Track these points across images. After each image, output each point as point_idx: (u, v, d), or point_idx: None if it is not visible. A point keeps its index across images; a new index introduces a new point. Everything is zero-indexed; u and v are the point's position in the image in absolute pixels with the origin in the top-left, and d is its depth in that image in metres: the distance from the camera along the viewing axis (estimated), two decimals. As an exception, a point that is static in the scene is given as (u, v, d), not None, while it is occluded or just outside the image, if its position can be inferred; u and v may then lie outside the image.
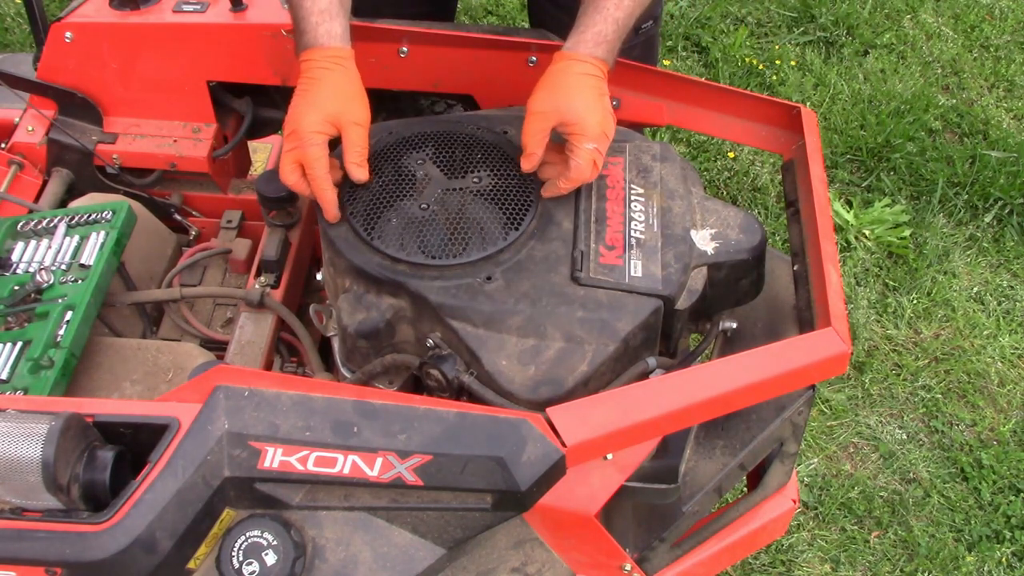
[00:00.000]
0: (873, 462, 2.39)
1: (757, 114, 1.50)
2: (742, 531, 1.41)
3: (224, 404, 1.01)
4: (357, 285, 1.24)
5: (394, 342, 1.25)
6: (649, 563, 1.28)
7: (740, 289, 1.33)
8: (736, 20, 3.55)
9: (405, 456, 1.01)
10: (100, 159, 1.65)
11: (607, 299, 1.20)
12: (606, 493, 1.11)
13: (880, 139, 3.10)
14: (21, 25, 3.29)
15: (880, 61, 3.42)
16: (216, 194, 1.73)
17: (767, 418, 1.27)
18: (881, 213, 2.86)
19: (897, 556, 2.22)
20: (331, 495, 1.03)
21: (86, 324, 1.35)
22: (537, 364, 1.15)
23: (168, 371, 1.39)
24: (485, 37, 1.54)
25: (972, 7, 3.68)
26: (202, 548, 1.01)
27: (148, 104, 1.65)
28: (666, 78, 1.53)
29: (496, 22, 3.48)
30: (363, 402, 1.03)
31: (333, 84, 1.26)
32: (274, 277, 1.56)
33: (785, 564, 2.19)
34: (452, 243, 1.23)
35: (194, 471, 0.98)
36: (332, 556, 1.03)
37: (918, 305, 2.70)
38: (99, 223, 1.47)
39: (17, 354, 1.30)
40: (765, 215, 2.92)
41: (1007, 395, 2.53)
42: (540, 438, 1.02)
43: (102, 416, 1.04)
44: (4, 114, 1.69)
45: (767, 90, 3.27)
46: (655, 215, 1.30)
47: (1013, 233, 2.92)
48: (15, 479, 0.96)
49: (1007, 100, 3.37)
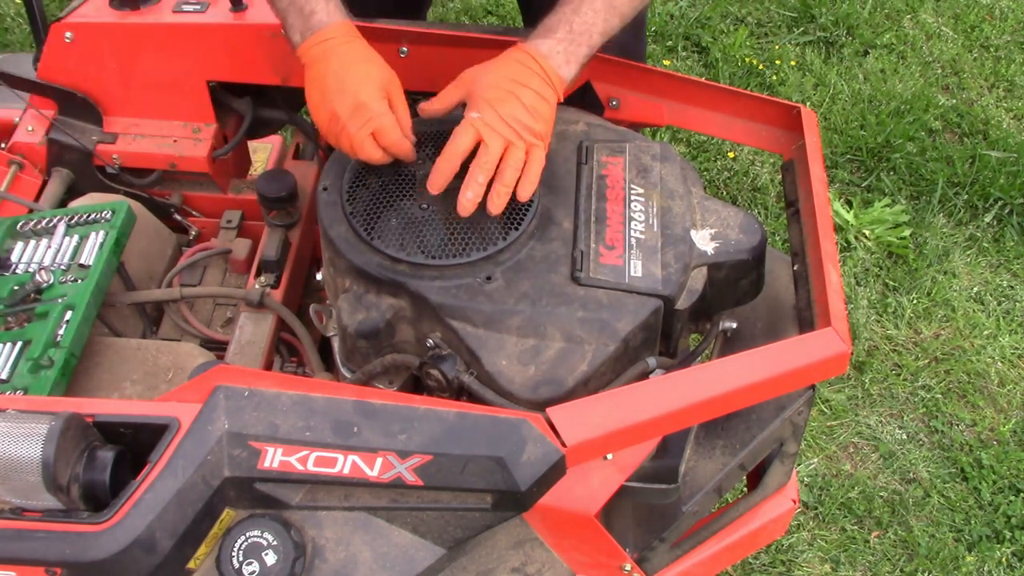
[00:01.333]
0: (873, 462, 2.39)
1: (757, 114, 1.50)
2: (742, 531, 1.41)
3: (224, 404, 1.01)
4: (357, 285, 1.24)
5: (394, 342, 1.25)
6: (649, 563, 1.28)
7: (740, 289, 1.33)
8: (736, 20, 3.55)
9: (405, 456, 1.01)
10: (100, 159, 1.65)
11: (607, 299, 1.20)
12: (606, 493, 1.11)
13: (880, 139, 3.10)
14: (21, 25, 3.29)
15: (880, 61, 3.42)
16: (216, 194, 1.73)
17: (767, 418, 1.27)
18: (881, 213, 2.86)
19: (897, 556, 2.22)
20: (331, 495, 1.03)
21: (86, 324, 1.35)
22: (537, 364, 1.15)
23: (168, 371, 1.39)
24: (485, 37, 1.54)
25: (972, 7, 3.68)
26: (202, 548, 1.01)
27: (148, 104, 1.65)
28: (666, 78, 1.53)
29: (496, 22, 3.48)
30: (363, 402, 1.03)
31: (369, 53, 1.25)
32: (274, 277, 1.56)
33: (785, 564, 2.19)
34: (452, 243, 1.23)
35: (194, 471, 0.98)
36: (332, 556, 1.03)
37: (918, 305, 2.70)
38: (99, 223, 1.47)
39: (17, 354, 1.30)
40: (765, 215, 2.92)
41: (1007, 395, 2.53)
42: (540, 438, 1.02)
43: (102, 416, 1.04)
44: (4, 114, 1.69)
45: (767, 90, 3.27)
46: (655, 215, 1.30)
47: (1013, 233, 2.92)
48: (15, 479, 0.96)
49: (1007, 100, 3.37)
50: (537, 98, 1.23)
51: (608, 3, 1.27)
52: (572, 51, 1.26)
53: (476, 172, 1.21)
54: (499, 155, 1.21)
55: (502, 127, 1.21)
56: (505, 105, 1.21)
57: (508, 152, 1.21)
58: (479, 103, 1.22)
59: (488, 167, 1.21)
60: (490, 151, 1.21)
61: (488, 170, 1.21)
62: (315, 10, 1.26)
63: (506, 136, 1.21)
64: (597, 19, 1.27)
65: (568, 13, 1.27)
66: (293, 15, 1.27)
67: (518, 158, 1.22)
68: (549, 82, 1.24)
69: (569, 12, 1.27)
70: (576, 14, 1.26)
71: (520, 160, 1.22)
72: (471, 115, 1.22)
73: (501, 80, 1.23)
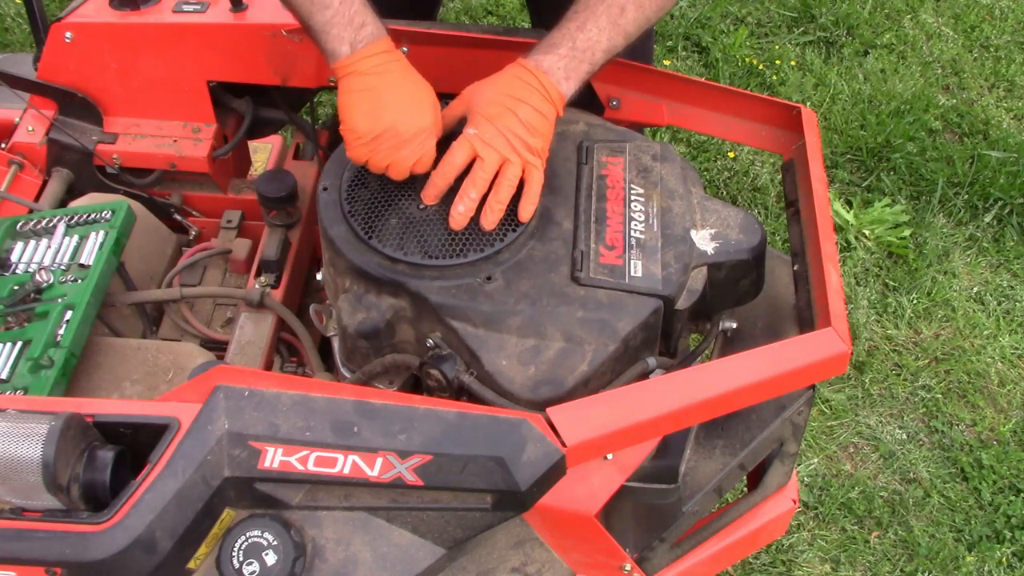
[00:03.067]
0: (873, 462, 2.39)
1: (757, 114, 1.50)
2: (742, 531, 1.41)
3: (224, 404, 1.01)
4: (357, 285, 1.24)
5: (394, 342, 1.25)
6: (649, 563, 1.28)
7: (740, 289, 1.33)
8: (736, 20, 3.55)
9: (405, 456, 1.01)
10: (100, 159, 1.65)
11: (607, 299, 1.20)
12: (606, 493, 1.11)
13: (880, 139, 3.10)
14: (21, 25, 3.29)
15: (880, 61, 3.42)
16: (216, 194, 1.73)
17: (767, 418, 1.27)
18: (881, 213, 2.86)
19: (897, 556, 2.22)
20: (331, 495, 1.03)
21: (86, 323, 1.35)
22: (537, 364, 1.15)
23: (168, 371, 1.39)
24: (485, 37, 1.54)
25: (972, 7, 3.68)
26: (202, 548, 1.01)
27: (148, 104, 1.65)
28: (666, 78, 1.53)
29: (496, 22, 3.48)
30: (363, 402, 1.03)
31: (419, 75, 1.27)
32: (274, 277, 1.56)
33: (785, 564, 2.19)
34: (452, 243, 1.23)
35: (194, 471, 0.98)
36: (332, 556, 1.03)
37: (918, 305, 2.70)
38: (98, 223, 1.47)
39: (17, 354, 1.30)
40: (765, 215, 2.92)
41: (1007, 395, 2.53)
42: (540, 438, 1.02)
43: (102, 416, 1.04)
44: (4, 114, 1.69)
45: (767, 90, 3.27)
46: (655, 215, 1.30)
47: (1013, 233, 2.92)
48: (15, 479, 0.96)
49: (1007, 100, 3.37)
50: (535, 114, 1.23)
51: (613, 22, 1.28)
52: (573, 67, 1.26)
53: (469, 187, 1.21)
54: (494, 171, 1.22)
55: (499, 142, 1.21)
56: (502, 120, 1.21)
57: (504, 168, 1.22)
58: (477, 119, 1.23)
59: (482, 183, 1.21)
60: (485, 166, 1.21)
61: (481, 186, 1.21)
62: (366, 22, 1.25)
63: (502, 152, 1.21)
64: (601, 37, 1.27)
65: (572, 30, 1.27)
66: (339, 26, 1.24)
67: (514, 174, 1.22)
68: (548, 98, 1.24)
69: (573, 28, 1.27)
70: (580, 31, 1.27)
71: (516, 176, 1.23)
72: (468, 131, 1.22)
73: (499, 96, 1.23)
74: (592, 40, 1.27)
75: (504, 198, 1.22)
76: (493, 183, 1.22)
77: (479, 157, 1.21)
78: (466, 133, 1.23)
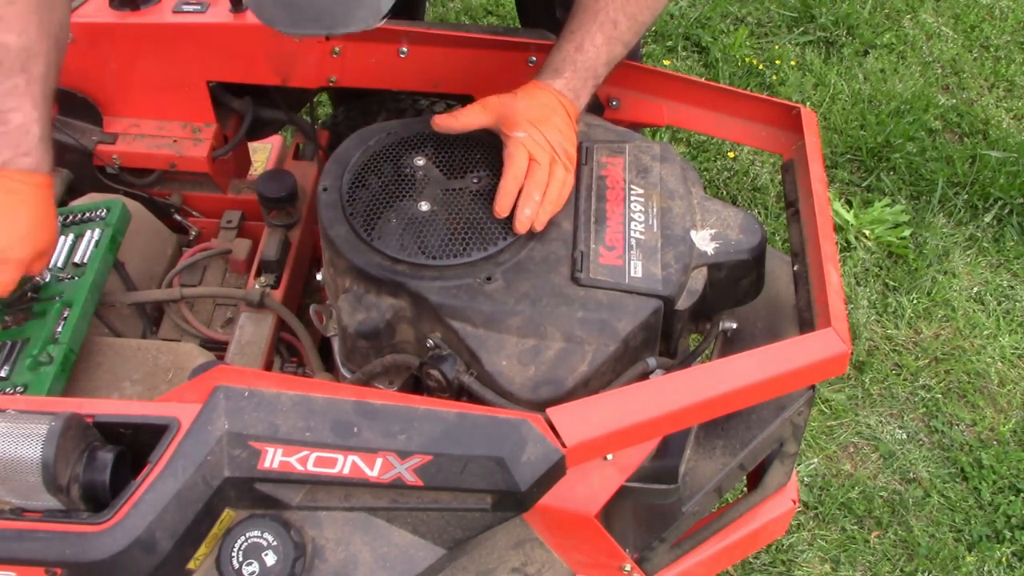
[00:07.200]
0: (873, 462, 2.39)
1: (757, 114, 1.50)
2: (742, 531, 1.41)
3: (224, 404, 1.01)
4: (357, 285, 1.24)
5: (394, 342, 1.25)
6: (649, 563, 1.28)
7: (740, 289, 1.33)
8: (736, 20, 3.55)
9: (405, 456, 1.01)
10: (100, 159, 1.65)
11: (607, 299, 1.20)
12: (606, 493, 1.11)
13: (880, 139, 3.10)
14: (21, 25, 3.29)
15: (880, 61, 3.42)
16: (216, 194, 1.73)
17: (767, 418, 1.27)
18: (881, 213, 2.86)
19: (897, 556, 2.22)
20: (331, 495, 1.03)
21: (84, 320, 1.35)
22: (537, 364, 1.15)
23: (168, 371, 1.39)
24: (485, 37, 1.54)
25: (972, 7, 3.68)
26: (202, 548, 1.01)
27: (148, 104, 1.65)
28: (666, 78, 1.53)
29: (496, 22, 3.48)
30: (363, 402, 1.03)
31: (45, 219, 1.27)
32: (274, 277, 1.56)
33: (785, 564, 2.19)
34: (452, 243, 1.23)
35: (194, 471, 0.98)
36: (332, 556, 1.03)
37: (918, 305, 2.70)
38: (93, 221, 1.47)
39: (16, 352, 1.30)
40: (765, 215, 2.92)
41: (1007, 395, 2.53)
42: (540, 438, 1.02)
43: (102, 416, 1.04)
44: (4, 114, 1.69)
45: (767, 90, 3.27)
46: (655, 215, 1.30)
47: (1013, 233, 2.92)
48: (15, 479, 0.96)
49: (1007, 100, 3.37)
50: (567, 123, 1.28)
51: (608, 37, 1.32)
52: (580, 86, 1.31)
53: (533, 190, 1.24)
54: (548, 172, 1.25)
55: (547, 146, 1.26)
56: (545, 126, 1.26)
57: (553, 169, 1.26)
58: (522, 124, 1.25)
59: (542, 184, 1.25)
60: (542, 168, 1.25)
61: (542, 187, 1.25)
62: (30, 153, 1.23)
63: (550, 154, 1.26)
64: (600, 52, 1.32)
65: (571, 51, 1.31)
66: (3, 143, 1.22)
67: (560, 176, 1.26)
68: (568, 112, 1.29)
69: (572, 50, 1.31)
70: (579, 52, 1.31)
71: (562, 177, 1.26)
72: (517, 135, 1.25)
73: (535, 105, 1.27)
74: (591, 58, 1.31)
75: (556, 198, 1.26)
76: None
77: (534, 160, 1.25)
78: (516, 137, 1.25)
